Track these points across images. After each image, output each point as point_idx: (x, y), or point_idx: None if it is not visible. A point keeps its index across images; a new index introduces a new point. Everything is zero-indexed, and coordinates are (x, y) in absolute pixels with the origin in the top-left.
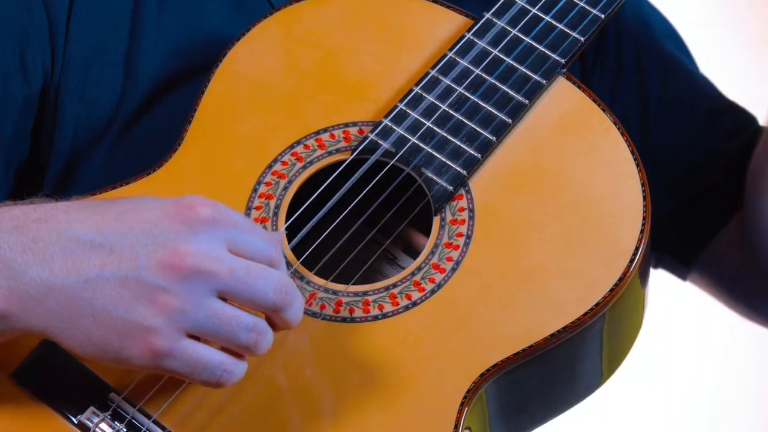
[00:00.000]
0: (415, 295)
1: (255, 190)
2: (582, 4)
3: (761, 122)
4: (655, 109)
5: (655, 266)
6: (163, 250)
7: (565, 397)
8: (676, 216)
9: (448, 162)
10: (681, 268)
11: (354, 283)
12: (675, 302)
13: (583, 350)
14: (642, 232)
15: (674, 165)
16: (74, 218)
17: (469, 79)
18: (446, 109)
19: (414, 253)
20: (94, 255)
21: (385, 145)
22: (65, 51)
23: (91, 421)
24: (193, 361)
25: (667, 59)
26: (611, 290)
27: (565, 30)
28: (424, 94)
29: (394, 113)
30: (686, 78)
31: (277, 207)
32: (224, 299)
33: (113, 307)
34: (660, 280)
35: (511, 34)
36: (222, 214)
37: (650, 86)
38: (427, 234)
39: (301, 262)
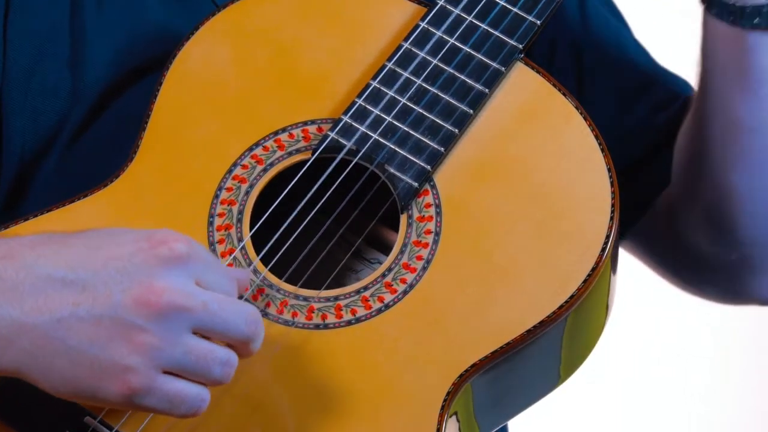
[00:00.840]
0: (387, 297)
1: (216, 197)
2: None
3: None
4: (587, 81)
5: None
6: (138, 287)
7: (533, 393)
8: None
9: (411, 157)
10: None
11: (326, 287)
12: (644, 291)
13: (549, 346)
14: (612, 218)
15: (605, 137)
16: (41, 254)
17: (427, 71)
18: (406, 102)
19: (382, 246)
20: (66, 293)
21: (346, 143)
22: (4, 61)
23: None
24: (171, 396)
25: (602, 25)
26: (585, 280)
27: (521, 14)
28: (382, 88)
29: (353, 109)
30: (619, 47)
31: (240, 213)
32: (197, 333)
33: (88, 346)
34: (633, 271)
35: (467, 21)
36: (194, 250)
37: (585, 56)
38: (395, 227)
39: (268, 269)
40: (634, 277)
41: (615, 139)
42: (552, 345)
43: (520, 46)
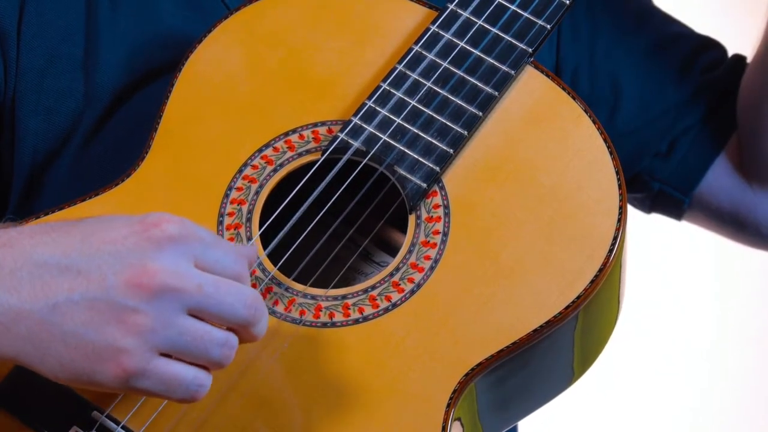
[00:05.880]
0: (395, 297)
1: (226, 196)
2: None
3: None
4: (639, 53)
5: (650, 210)
6: (131, 269)
7: (546, 392)
8: (671, 150)
9: (420, 159)
10: (679, 202)
11: (333, 286)
12: (653, 294)
13: (561, 344)
14: (619, 220)
15: (664, 104)
16: (39, 242)
17: (437, 73)
18: (415, 104)
19: (391, 249)
20: (61, 278)
21: (356, 144)
22: (18, 62)
23: None
24: (167, 379)
25: (637, 6)
26: (592, 281)
27: (531, 18)
28: (392, 90)
29: (362, 111)
30: (658, 20)
31: (250, 212)
32: (194, 315)
33: (83, 330)
34: (640, 273)
35: (477, 25)
36: (188, 230)
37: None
38: (404, 230)
39: (277, 268)
40: (637, 279)
41: (674, 105)
42: (564, 342)
43: (530, 50)
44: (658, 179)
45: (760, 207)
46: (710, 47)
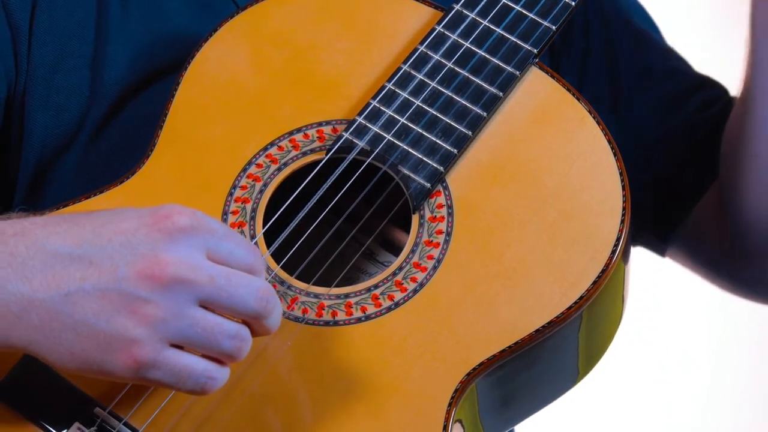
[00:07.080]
0: (398, 296)
1: (230, 194)
2: None
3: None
4: (625, 84)
5: (633, 244)
6: (143, 260)
7: (550, 391)
8: (651, 190)
9: (424, 158)
10: (658, 243)
11: (336, 285)
12: (656, 294)
13: (565, 344)
14: (622, 222)
15: (647, 139)
16: (52, 232)
17: (441, 73)
18: (420, 104)
19: (395, 249)
20: (73, 268)
21: (360, 143)
22: (29, 57)
23: None
24: (177, 370)
25: (637, 32)
26: (594, 282)
27: (536, 19)
28: (397, 90)
29: (367, 111)
30: (657, 50)
31: (254, 211)
32: (205, 307)
33: (95, 319)
34: (642, 272)
35: (482, 26)
36: (200, 222)
37: (620, 61)
38: (408, 230)
39: (281, 266)
40: (639, 282)
41: (659, 140)
42: (568, 342)
43: (535, 51)
44: (636, 221)
45: (735, 262)
46: (705, 86)
